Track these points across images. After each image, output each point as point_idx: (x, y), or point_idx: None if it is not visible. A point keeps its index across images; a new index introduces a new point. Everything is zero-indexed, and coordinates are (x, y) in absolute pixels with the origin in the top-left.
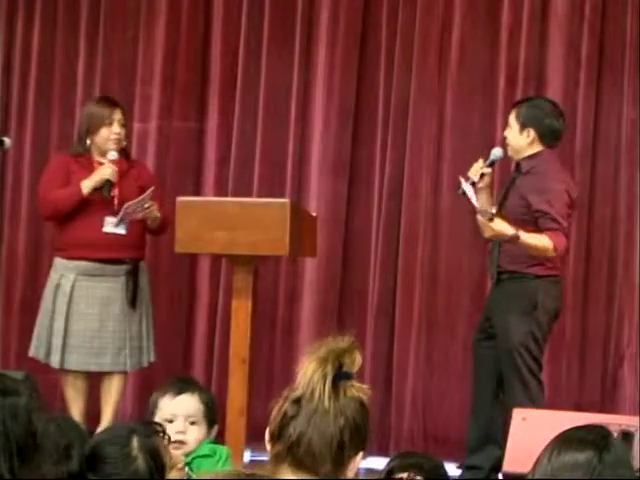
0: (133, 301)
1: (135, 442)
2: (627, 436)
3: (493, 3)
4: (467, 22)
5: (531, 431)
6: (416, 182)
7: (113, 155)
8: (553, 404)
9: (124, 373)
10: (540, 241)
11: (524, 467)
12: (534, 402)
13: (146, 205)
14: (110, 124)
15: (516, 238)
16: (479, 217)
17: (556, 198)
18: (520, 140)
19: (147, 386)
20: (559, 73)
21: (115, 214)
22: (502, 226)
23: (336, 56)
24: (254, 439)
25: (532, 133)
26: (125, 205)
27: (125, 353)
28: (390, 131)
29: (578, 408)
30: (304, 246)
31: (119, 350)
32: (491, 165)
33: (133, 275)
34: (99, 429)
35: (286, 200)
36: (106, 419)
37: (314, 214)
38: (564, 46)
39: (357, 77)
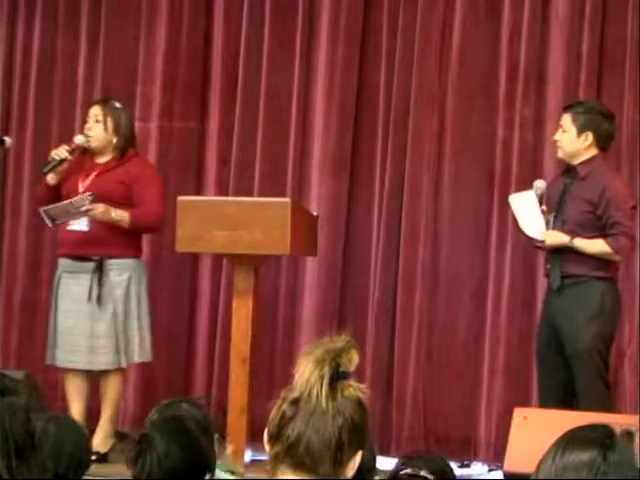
0: (98, 299)
1: None
2: (628, 435)
3: (493, 3)
4: (467, 22)
5: (532, 430)
6: (417, 181)
7: (78, 139)
8: None
9: (120, 371)
10: (596, 247)
11: (525, 466)
12: (604, 406)
13: (83, 208)
14: (87, 121)
15: (571, 248)
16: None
17: (620, 201)
18: (577, 144)
19: (148, 386)
20: (560, 73)
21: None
22: (555, 239)
23: (337, 56)
24: (255, 438)
25: (590, 137)
26: (43, 208)
27: (96, 351)
28: (391, 131)
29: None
30: (305, 245)
31: (89, 348)
32: (541, 200)
33: (98, 272)
34: (97, 428)
35: (287, 200)
36: (105, 418)
37: (315, 213)
38: (565, 46)
39: (358, 76)
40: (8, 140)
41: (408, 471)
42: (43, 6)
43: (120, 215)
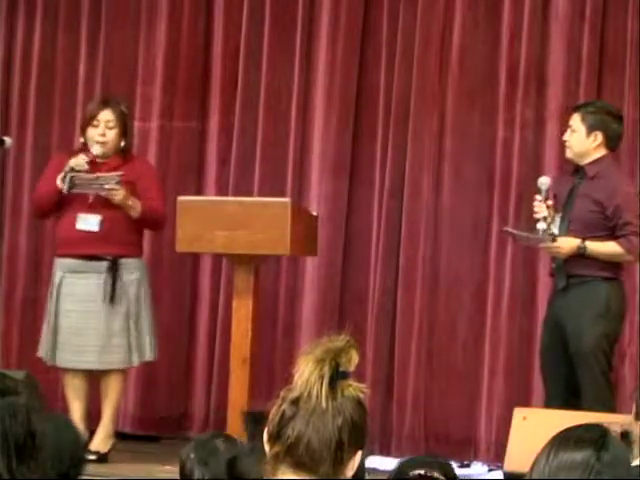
0: (112, 298)
1: None
2: (627, 435)
3: (493, 3)
4: (467, 22)
5: (532, 430)
6: (417, 181)
7: (95, 150)
8: None
9: (121, 371)
10: (608, 248)
11: (525, 466)
12: (606, 405)
13: (107, 185)
14: (96, 125)
15: (584, 250)
16: (542, 245)
17: (629, 201)
18: (586, 144)
19: (148, 385)
20: (560, 73)
21: (89, 210)
22: (569, 243)
23: (337, 56)
24: None
25: (600, 137)
26: (72, 173)
27: (109, 350)
28: (391, 131)
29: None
30: (305, 245)
31: (102, 348)
32: (547, 196)
33: (112, 272)
34: (99, 427)
35: (287, 199)
36: (106, 418)
37: (315, 213)
38: (565, 46)
39: (358, 76)
40: (8, 140)
41: (420, 472)
42: (43, 6)
43: (135, 203)
